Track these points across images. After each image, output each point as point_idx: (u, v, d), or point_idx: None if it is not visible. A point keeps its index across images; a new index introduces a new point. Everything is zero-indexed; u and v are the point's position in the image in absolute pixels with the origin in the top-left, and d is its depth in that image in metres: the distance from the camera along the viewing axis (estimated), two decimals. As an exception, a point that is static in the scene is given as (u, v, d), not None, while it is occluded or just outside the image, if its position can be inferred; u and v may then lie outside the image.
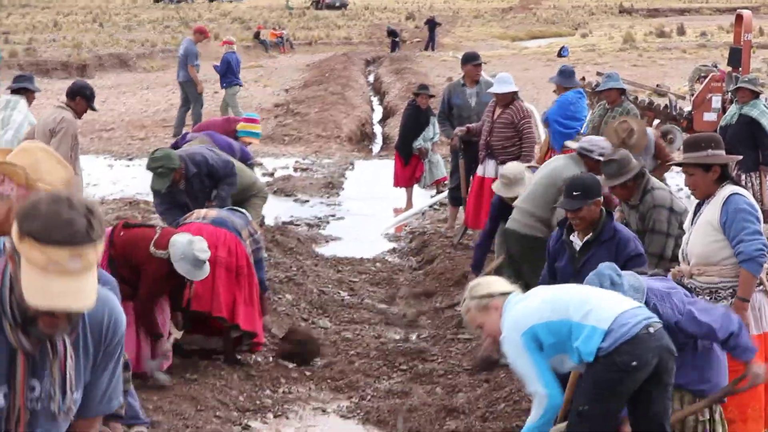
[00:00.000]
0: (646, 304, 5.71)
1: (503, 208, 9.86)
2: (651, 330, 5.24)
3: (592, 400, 5.21)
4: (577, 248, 6.92)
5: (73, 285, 3.00)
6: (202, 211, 9.07)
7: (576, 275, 6.73)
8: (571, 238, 6.98)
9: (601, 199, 6.97)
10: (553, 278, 7.06)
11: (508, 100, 11.80)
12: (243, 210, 9.34)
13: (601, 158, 8.42)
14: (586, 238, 6.90)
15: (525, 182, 9.68)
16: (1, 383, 3.16)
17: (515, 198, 9.54)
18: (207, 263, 7.92)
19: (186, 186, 9.67)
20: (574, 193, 6.86)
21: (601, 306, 5.36)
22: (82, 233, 3.00)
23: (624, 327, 5.20)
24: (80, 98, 10.89)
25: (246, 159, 11.51)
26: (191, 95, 21.90)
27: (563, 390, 5.53)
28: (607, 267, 5.90)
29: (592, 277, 5.90)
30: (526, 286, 7.79)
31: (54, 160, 4.88)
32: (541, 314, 5.36)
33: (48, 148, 5.16)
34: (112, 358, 3.37)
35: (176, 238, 7.88)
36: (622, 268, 6.54)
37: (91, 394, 3.36)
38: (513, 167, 10.02)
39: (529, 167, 11.18)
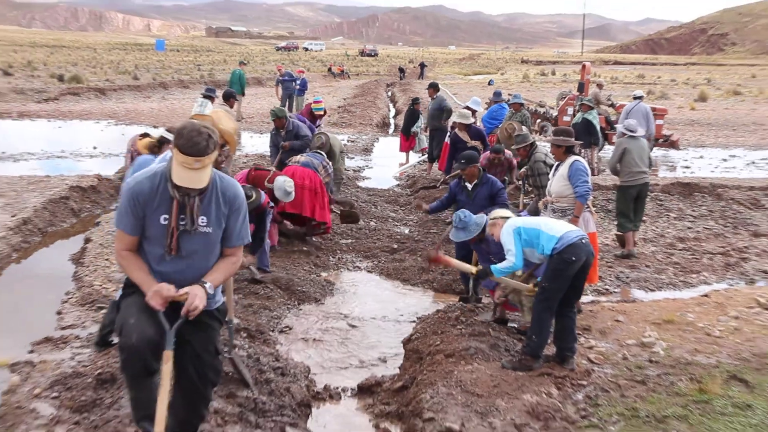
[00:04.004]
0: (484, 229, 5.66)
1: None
2: (584, 240, 4.96)
3: (549, 279, 4.91)
4: (470, 188, 6.92)
5: (195, 175, 3.17)
6: (296, 157, 8.97)
7: (471, 202, 6.84)
8: (466, 184, 6.96)
9: (478, 164, 6.94)
10: (450, 203, 7.14)
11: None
12: (322, 153, 9.22)
13: (633, 133, 8.50)
14: (474, 183, 6.92)
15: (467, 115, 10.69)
16: (165, 212, 3.28)
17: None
18: (292, 193, 7.74)
19: (286, 135, 9.70)
20: (462, 161, 6.90)
21: (557, 226, 5.10)
22: (203, 149, 3.14)
23: (569, 236, 4.93)
24: (231, 99, 11.01)
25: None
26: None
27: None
28: (460, 212, 5.84)
29: (455, 216, 5.79)
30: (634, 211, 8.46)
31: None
32: (523, 223, 5.12)
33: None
34: (239, 214, 3.42)
35: (278, 177, 7.75)
36: (495, 196, 6.78)
37: (228, 233, 3.42)
38: (464, 112, 10.87)
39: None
